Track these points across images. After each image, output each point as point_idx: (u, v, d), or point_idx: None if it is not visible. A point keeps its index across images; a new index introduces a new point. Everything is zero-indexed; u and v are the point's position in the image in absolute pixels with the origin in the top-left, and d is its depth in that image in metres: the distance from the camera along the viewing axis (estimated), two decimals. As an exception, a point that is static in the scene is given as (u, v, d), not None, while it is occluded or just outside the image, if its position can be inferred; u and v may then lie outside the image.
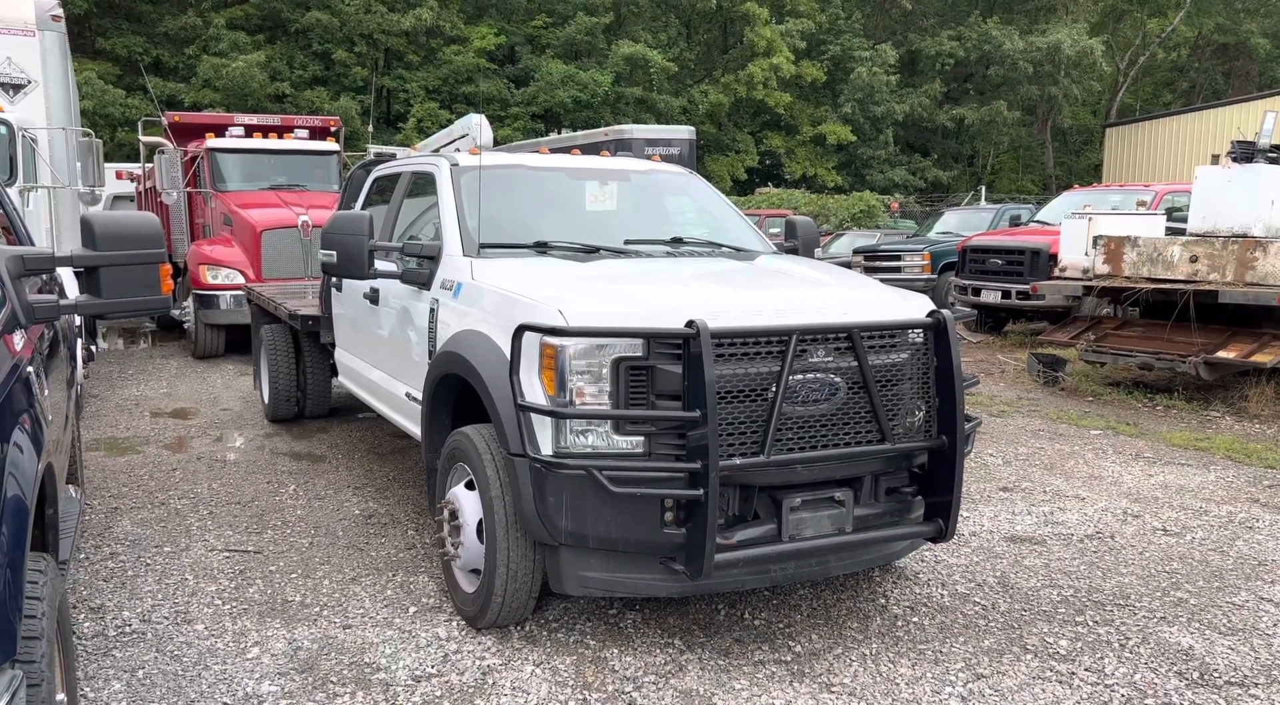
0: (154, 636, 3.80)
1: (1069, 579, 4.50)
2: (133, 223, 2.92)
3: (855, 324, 3.52)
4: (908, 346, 3.73)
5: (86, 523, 5.26)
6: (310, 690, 3.34)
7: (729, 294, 3.75)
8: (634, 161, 5.79)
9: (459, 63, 31.97)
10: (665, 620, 3.97)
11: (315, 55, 30.93)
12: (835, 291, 3.97)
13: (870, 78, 39.51)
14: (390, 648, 3.69)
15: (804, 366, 3.48)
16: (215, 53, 28.62)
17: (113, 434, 7.63)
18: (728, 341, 3.34)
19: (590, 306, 3.48)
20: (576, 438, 3.37)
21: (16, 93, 9.52)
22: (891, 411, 3.64)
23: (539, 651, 3.65)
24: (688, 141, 12.10)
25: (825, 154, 41.09)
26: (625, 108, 34.57)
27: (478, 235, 4.44)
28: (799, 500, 3.51)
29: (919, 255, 16.01)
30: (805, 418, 3.48)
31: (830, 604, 4.18)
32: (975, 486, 6.06)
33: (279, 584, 4.37)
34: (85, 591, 4.27)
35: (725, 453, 3.32)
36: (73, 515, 3.90)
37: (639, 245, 4.61)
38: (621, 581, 3.50)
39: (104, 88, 26.78)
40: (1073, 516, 5.46)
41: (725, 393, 3.32)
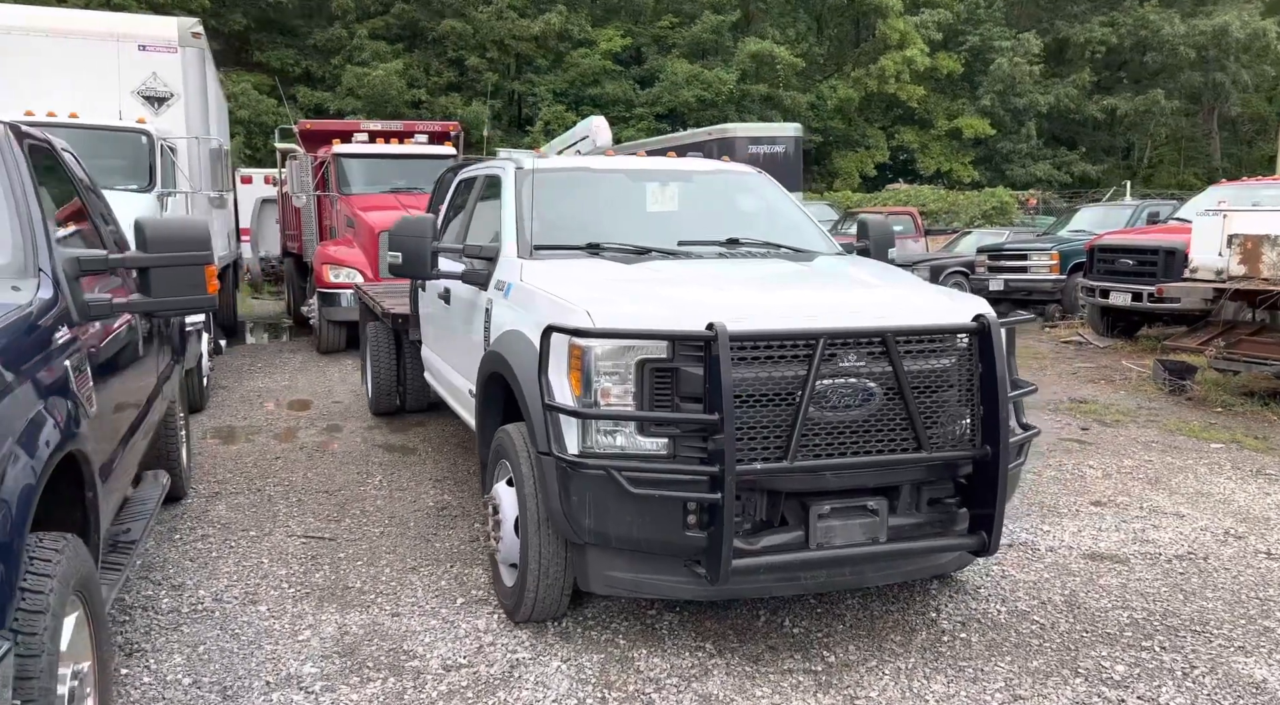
0: (221, 615, 4.05)
1: (1144, 601, 4.24)
2: (181, 227, 3.13)
3: (889, 328, 3.42)
4: (953, 351, 3.60)
5: (189, 505, 5.64)
6: (346, 674, 3.50)
7: (764, 296, 3.71)
8: (700, 162, 5.78)
9: (585, 65, 32.49)
10: (703, 623, 3.96)
11: (450, 62, 32.02)
12: (877, 293, 3.87)
13: (1012, 68, 37.98)
14: (430, 637, 3.81)
15: (834, 371, 3.41)
16: (358, 62, 30.01)
17: (231, 423, 8.13)
18: (750, 344, 3.30)
19: (618, 308, 3.51)
20: (602, 437, 3.41)
21: (160, 105, 10.26)
22: (931, 419, 3.53)
23: (569, 648, 3.70)
24: (793, 139, 11.94)
25: (961, 148, 39.75)
26: (750, 105, 34.37)
27: (532, 237, 4.54)
28: (828, 508, 3.44)
29: (1046, 255, 15.31)
30: (836, 423, 3.41)
31: (877, 615, 4.08)
32: (1064, 500, 5.77)
33: (344, 571, 4.57)
34: (172, 569, 4.58)
35: (747, 457, 3.29)
36: (152, 498, 4.20)
37: (692, 246, 4.61)
38: (646, 583, 3.51)
39: (258, 98, 28.48)
40: (1166, 534, 5.13)
41: (748, 396, 3.29)
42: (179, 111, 10.27)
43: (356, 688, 3.42)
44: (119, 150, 9.03)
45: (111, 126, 9.05)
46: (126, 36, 10.02)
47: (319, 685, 3.43)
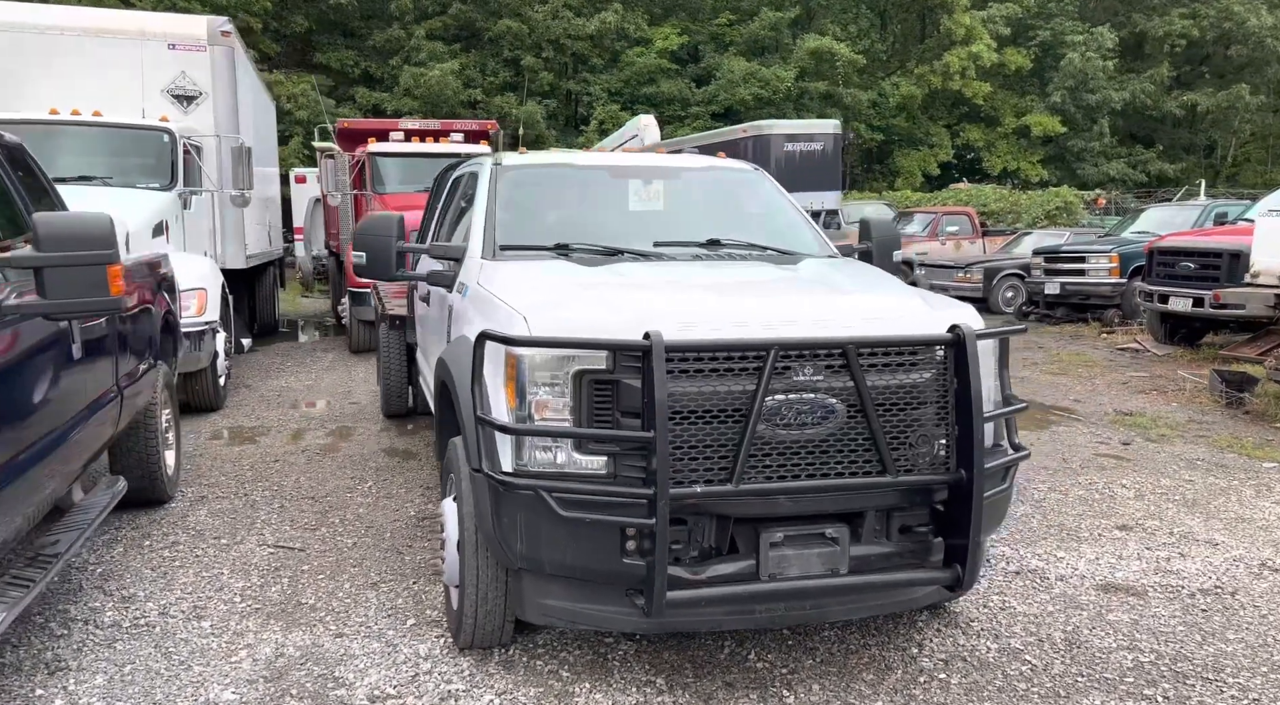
0: (161, 631, 3.89)
1: (1154, 641, 3.83)
2: (80, 224, 2.96)
3: (851, 339, 3.10)
4: (929, 365, 3.26)
5: (171, 510, 5.53)
6: (264, 702, 3.29)
7: (722, 303, 3.41)
8: (690, 158, 5.48)
9: (641, 64, 32.27)
10: (660, 655, 3.67)
11: (505, 62, 32.07)
12: (848, 301, 3.54)
13: (1084, 63, 36.73)
14: (367, 662, 3.60)
15: (789, 385, 3.10)
16: (416, 63, 30.23)
17: (243, 423, 8.07)
18: (693, 356, 3.01)
19: (559, 315, 3.24)
20: (539, 454, 3.15)
21: (189, 104, 10.30)
22: (900, 439, 3.19)
23: (508, 680, 3.45)
24: (831, 136, 11.52)
25: (1030, 147, 38.60)
26: (809, 103, 33.80)
27: (498, 237, 4.30)
28: (781, 535, 3.14)
29: (1105, 257, 14.61)
30: (791, 443, 3.10)
31: (853, 649, 3.74)
32: (1087, 522, 5.34)
33: (302, 584, 4.39)
34: (130, 579, 4.44)
35: (687, 479, 3.00)
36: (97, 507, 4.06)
37: (669, 248, 4.32)
38: (584, 613, 3.24)
39: (317, 98, 28.82)
40: (1193, 565, 4.69)
41: (689, 412, 3.00)
42: (207, 110, 10.29)
43: (272, 717, 3.21)
44: (142, 149, 9.08)
45: (134, 125, 9.09)
46: (156, 35, 10.07)
47: (232, 713, 3.23)
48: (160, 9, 25.42)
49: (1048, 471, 6.42)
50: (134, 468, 5.36)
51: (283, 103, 27.16)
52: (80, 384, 3.81)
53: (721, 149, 12.59)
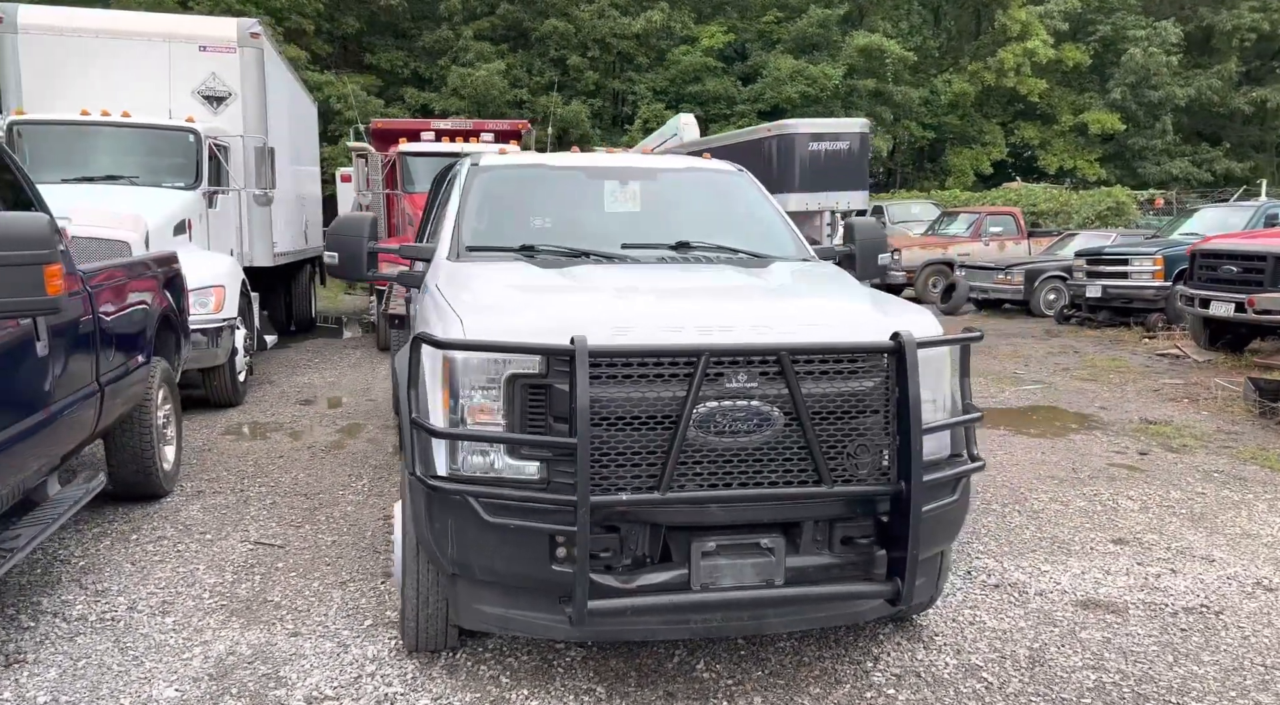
0: (125, 626, 3.95)
1: (1123, 661, 3.69)
2: (15, 224, 3.01)
3: (784, 346, 3.03)
4: (875, 373, 3.18)
5: (164, 505, 5.63)
6: (203, 700, 3.33)
7: (662, 307, 3.36)
8: (671, 159, 5.42)
9: (686, 63, 32.14)
10: (607, 662, 3.63)
11: (551, 62, 32.20)
12: (794, 306, 3.47)
13: (1147, 59, 35.69)
14: (314, 662, 3.61)
15: (722, 392, 3.04)
16: (464, 63, 30.50)
17: (257, 419, 8.21)
18: (622, 361, 2.97)
19: (495, 318, 3.22)
20: (474, 458, 3.14)
21: (219, 104, 10.51)
22: (838, 448, 3.12)
23: (447, 685, 3.44)
24: (859, 135, 11.31)
25: (1087, 145, 37.63)
26: (858, 101, 33.36)
27: (465, 237, 4.30)
28: (713, 545, 3.09)
29: (1149, 259, 14.18)
30: (724, 451, 3.04)
31: (806, 661, 3.67)
32: (1082, 535, 5.18)
33: (272, 582, 4.44)
34: (108, 572, 4.53)
35: (614, 486, 2.96)
36: (67, 502, 4.14)
37: (635, 250, 4.28)
38: (516, 620, 3.22)
39: (366, 98, 29.26)
40: (1182, 582, 4.51)
41: (616, 418, 2.96)
42: (237, 111, 10.49)
43: (208, 714, 3.24)
44: (168, 148, 9.29)
45: (159, 125, 9.29)
46: (188, 38, 10.30)
47: (170, 710, 3.27)
48: (216, 11, 26.01)
49: (1054, 481, 6.24)
50: (128, 463, 5.47)
51: (333, 103, 27.63)
52: (48, 380, 3.89)
53: (746, 149, 12.50)
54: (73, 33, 10.14)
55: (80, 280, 4.50)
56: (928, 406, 3.38)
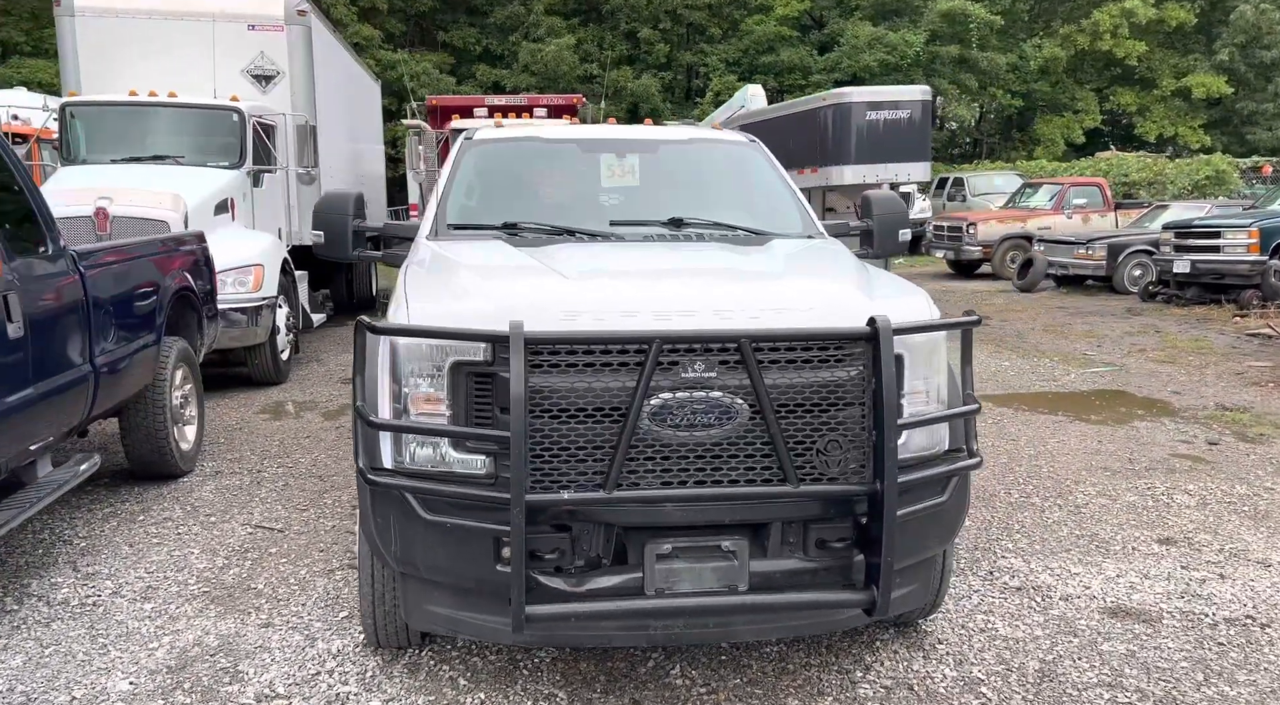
0: (104, 612, 3.91)
1: (1145, 679, 3.33)
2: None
3: (744, 332, 2.75)
4: (854, 362, 2.88)
5: (181, 484, 5.63)
6: (154, 695, 3.24)
7: (623, 290, 3.12)
8: (673, 130, 5.13)
9: (760, 32, 31.41)
10: (577, 665, 3.43)
11: (623, 35, 31.83)
12: (769, 288, 3.18)
13: (1258, 16, 33.58)
14: (276, 656, 3.50)
15: (679, 382, 2.79)
16: (535, 39, 30.38)
17: (295, 397, 8.23)
18: (566, 348, 2.74)
19: (442, 302, 3.04)
20: (420, 450, 2.95)
21: (268, 83, 10.54)
22: (806, 444, 2.84)
23: (401, 685, 3.28)
24: (919, 103, 10.74)
25: (1191, 110, 35.69)
26: (940, 68, 32.21)
27: (448, 215, 4.12)
28: (669, 547, 2.85)
29: (1243, 232, 13.26)
30: (680, 446, 2.79)
31: (792, 669, 3.41)
32: (1126, 533, 4.77)
33: (260, 568, 4.36)
34: (105, 555, 4.52)
35: (556, 483, 2.75)
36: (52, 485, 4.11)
37: (624, 228, 4.03)
38: (465, 622, 3.03)
39: (439, 77, 29.43)
40: (1230, 589, 4.09)
41: (559, 410, 2.74)
42: (285, 89, 10.51)
43: (155, 710, 3.15)
44: (213, 128, 9.33)
45: (204, 105, 9.34)
46: (236, 16, 10.33)
47: (119, 704, 3.19)
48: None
49: (1105, 473, 5.80)
50: (141, 443, 5.48)
51: (406, 81, 27.84)
52: (21, 362, 3.84)
53: (801, 119, 12.06)
54: (127, 14, 10.27)
55: (72, 262, 4.46)
56: (918, 398, 3.09)
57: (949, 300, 15.26)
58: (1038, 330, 11.94)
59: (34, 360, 3.94)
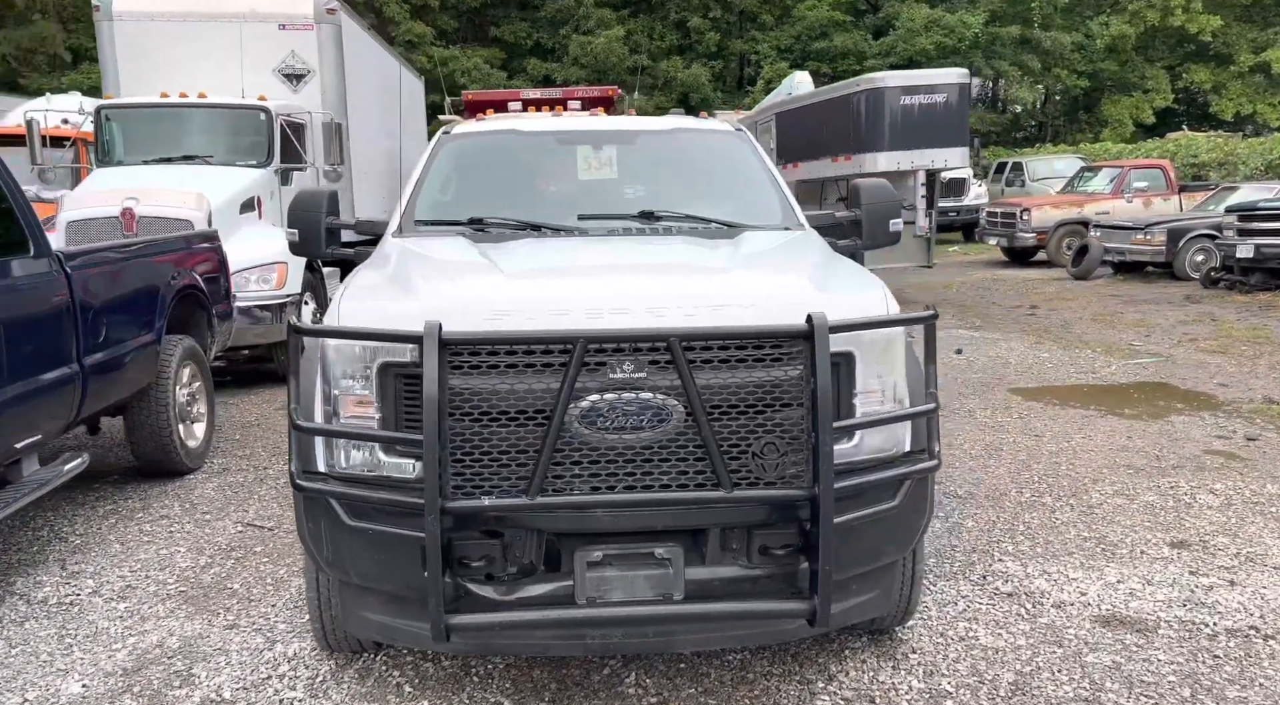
0: (78, 611, 3.94)
1: (1125, 694, 3.13)
2: None
3: (673, 331, 2.63)
4: (797, 361, 2.73)
5: (186, 482, 5.69)
6: (103, 699, 3.24)
7: (559, 287, 3.02)
8: (658, 120, 4.97)
9: (812, 18, 30.89)
10: (530, 672, 3.35)
11: (672, 25, 31.59)
12: (711, 283, 3.04)
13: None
14: (232, 659, 3.48)
15: (609, 383, 2.68)
16: (585, 31, 30.32)
17: (319, 395, 8.28)
18: (487, 348, 2.65)
19: (371, 302, 2.98)
20: (356, 453, 2.89)
21: (299, 82, 10.64)
22: (742, 447, 2.70)
23: (346, 693, 3.23)
24: (956, 86, 10.36)
25: (1270, 86, 34.16)
26: (1000, 50, 31.35)
27: (420, 211, 4.06)
28: (599, 554, 2.74)
29: (1311, 214, 12.60)
30: (609, 450, 2.68)
31: (751, 678, 3.28)
32: (1136, 535, 4.52)
33: (240, 568, 4.36)
34: (95, 553, 4.57)
35: (478, 488, 2.66)
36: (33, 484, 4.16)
37: (592, 221, 3.92)
38: (400, 630, 2.96)
39: (489, 72, 29.57)
40: (1238, 598, 3.84)
41: (480, 413, 2.65)
42: (315, 87, 10.59)
43: (100, 713, 3.15)
44: (241, 127, 9.44)
45: (232, 104, 9.44)
46: (267, 17, 10.43)
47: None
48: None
49: (1128, 471, 5.52)
50: (145, 441, 5.55)
51: (457, 77, 28.05)
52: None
53: (833, 106, 11.76)
54: (162, 17, 10.44)
55: (57, 264, 4.51)
56: (872, 397, 2.94)
57: (995, 289, 14.83)
58: (1085, 319, 11.51)
59: (7, 361, 3.98)
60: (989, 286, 15.23)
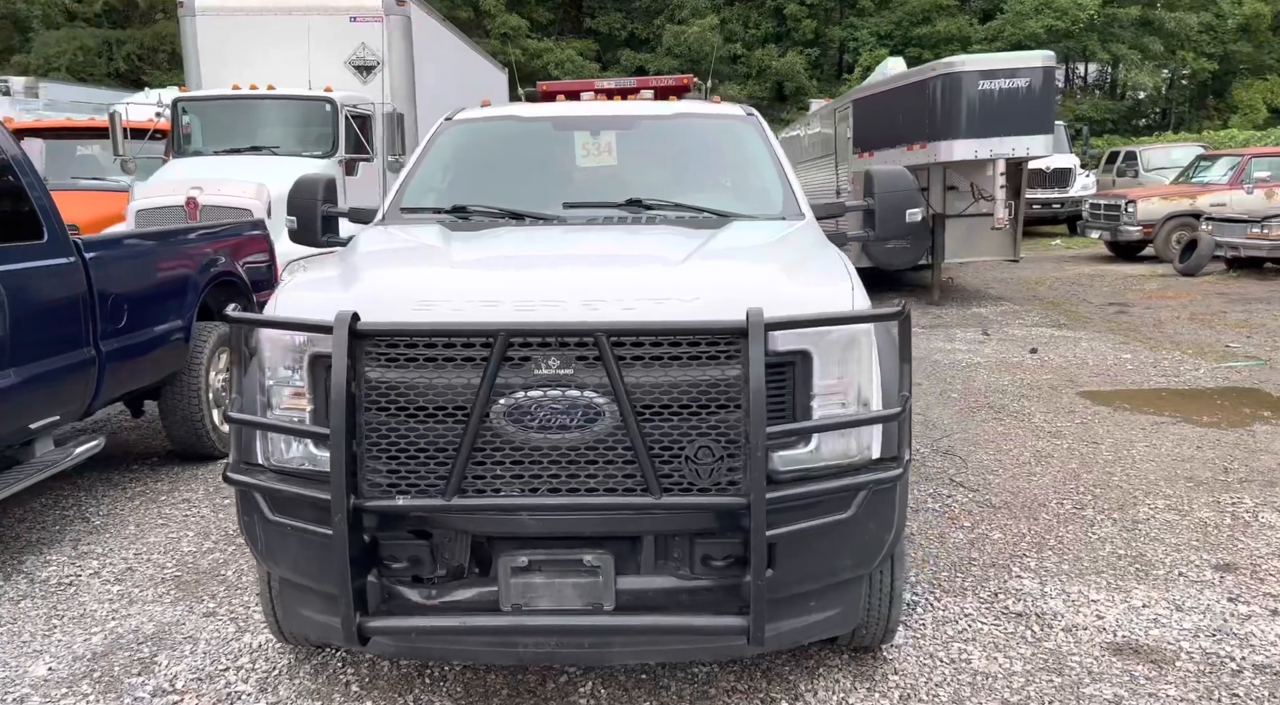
0: (73, 592, 4.01)
1: (1121, 736, 2.82)
2: None
3: (599, 325, 2.46)
4: (735, 360, 2.53)
5: (215, 467, 5.77)
6: (63, 682, 3.26)
7: (493, 279, 2.90)
8: (662, 105, 4.75)
9: (914, 3, 29.91)
10: (484, 676, 3.24)
11: (769, 12, 31.05)
12: (656, 275, 2.85)
13: None
14: (198, 647, 3.48)
15: (536, 380, 2.53)
16: (679, 21, 30.10)
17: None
18: (405, 341, 2.54)
19: (310, 293, 2.91)
20: (294, 447, 2.82)
21: (368, 73, 10.80)
22: (676, 450, 2.52)
23: (292, 689, 3.18)
24: (1040, 70, 9.74)
25: None
26: (1118, 32, 29.79)
27: (408, 199, 3.98)
28: (525, 560, 2.60)
29: None
30: (538, 450, 2.54)
31: (711, 694, 3.09)
32: (1180, 556, 4.13)
33: (240, 555, 4.37)
34: (109, 535, 4.66)
35: (396, 486, 2.55)
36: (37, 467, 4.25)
37: (577, 210, 3.78)
38: (335, 630, 2.86)
39: (583, 63, 29.65)
40: (1277, 630, 3.44)
41: (398, 409, 2.54)
42: (384, 79, 10.73)
43: (49, 702, 3.15)
44: (307, 118, 9.64)
45: (297, 96, 9.63)
46: (339, 10, 10.61)
47: (25, 692, 3.22)
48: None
49: (1188, 484, 5.08)
50: (177, 425, 5.67)
51: (550, 70, 28.22)
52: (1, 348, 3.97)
53: (907, 92, 11.27)
54: (241, 12, 10.74)
55: (76, 251, 4.61)
56: (832, 399, 2.70)
57: (1091, 285, 14.05)
58: (1181, 319, 10.76)
59: (17, 345, 4.07)
60: (1084, 282, 14.43)
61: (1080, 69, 39.38)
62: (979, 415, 6.65)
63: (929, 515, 4.69)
